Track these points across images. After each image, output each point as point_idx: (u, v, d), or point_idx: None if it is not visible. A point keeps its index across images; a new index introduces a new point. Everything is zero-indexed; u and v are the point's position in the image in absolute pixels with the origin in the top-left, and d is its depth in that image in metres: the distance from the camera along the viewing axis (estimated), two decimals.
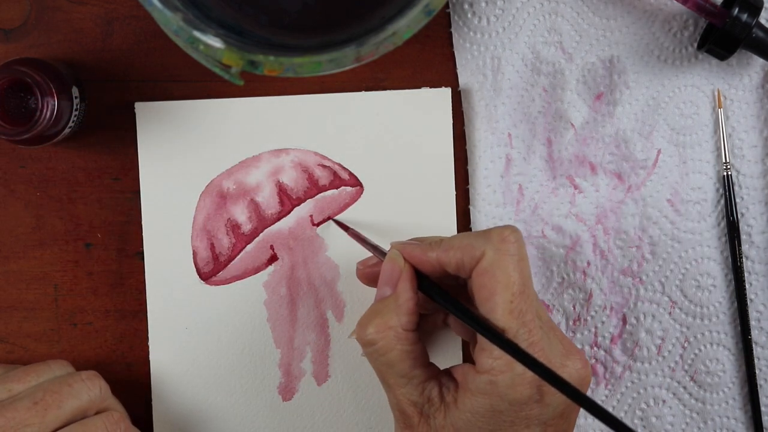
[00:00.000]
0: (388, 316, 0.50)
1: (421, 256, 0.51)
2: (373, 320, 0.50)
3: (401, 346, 0.50)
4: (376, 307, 0.51)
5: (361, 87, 0.60)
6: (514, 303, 0.47)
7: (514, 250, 0.48)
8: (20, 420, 0.51)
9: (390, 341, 0.49)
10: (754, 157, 0.60)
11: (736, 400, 0.61)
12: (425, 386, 0.50)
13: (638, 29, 0.59)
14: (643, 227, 0.60)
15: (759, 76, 0.59)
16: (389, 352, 0.50)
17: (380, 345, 0.50)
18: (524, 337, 0.47)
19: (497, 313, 0.47)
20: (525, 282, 0.48)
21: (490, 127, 0.59)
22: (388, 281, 0.51)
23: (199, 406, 0.60)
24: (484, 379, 0.48)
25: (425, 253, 0.50)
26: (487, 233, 0.49)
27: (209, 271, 0.60)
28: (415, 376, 0.50)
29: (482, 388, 0.48)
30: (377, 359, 0.50)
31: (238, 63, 0.47)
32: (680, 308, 0.60)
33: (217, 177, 0.59)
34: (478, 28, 0.59)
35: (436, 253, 0.50)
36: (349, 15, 0.52)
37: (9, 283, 0.60)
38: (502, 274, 0.48)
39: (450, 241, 0.50)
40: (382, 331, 0.49)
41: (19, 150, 0.59)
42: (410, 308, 0.50)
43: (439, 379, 0.51)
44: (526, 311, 0.48)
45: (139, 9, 0.59)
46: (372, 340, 0.50)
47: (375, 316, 0.50)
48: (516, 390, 0.47)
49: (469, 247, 0.49)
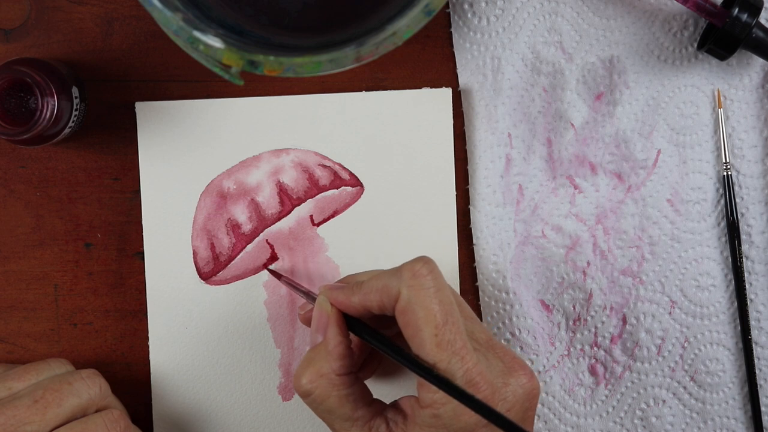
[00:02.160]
0: (320, 364, 0.50)
1: (345, 301, 0.51)
2: (305, 371, 0.50)
3: (337, 392, 0.50)
4: (308, 356, 0.51)
5: (361, 87, 0.60)
6: (440, 335, 0.47)
7: (429, 282, 0.48)
8: (20, 418, 0.51)
9: (325, 389, 0.49)
10: (754, 157, 0.60)
11: (736, 400, 0.61)
12: (371, 425, 0.50)
13: (638, 29, 0.59)
14: (643, 227, 0.60)
15: (759, 76, 0.59)
16: (326, 399, 0.50)
17: (316, 394, 0.50)
18: (457, 366, 0.47)
19: (425, 348, 0.47)
20: (447, 310, 0.48)
21: (490, 127, 0.59)
22: (318, 328, 0.51)
23: (199, 406, 0.60)
24: (428, 413, 0.48)
25: (348, 297, 0.51)
26: (398, 271, 0.49)
27: (209, 270, 0.60)
28: (359, 417, 0.50)
29: (428, 421, 0.48)
30: (317, 408, 0.50)
31: (238, 63, 0.47)
32: (680, 308, 0.60)
33: (217, 177, 0.59)
34: (478, 28, 0.59)
35: (357, 297, 0.50)
36: (349, 15, 0.53)
37: (9, 283, 0.60)
38: (422, 309, 0.47)
39: (369, 283, 0.50)
40: (315, 380, 0.49)
41: (19, 150, 0.59)
42: (340, 352, 0.50)
43: (385, 415, 0.51)
44: (455, 340, 0.47)
45: (139, 9, 0.59)
46: (307, 391, 0.50)
47: (307, 365, 0.50)
48: (460, 419, 0.47)
49: (386, 288, 0.49)
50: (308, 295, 0.55)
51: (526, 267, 0.60)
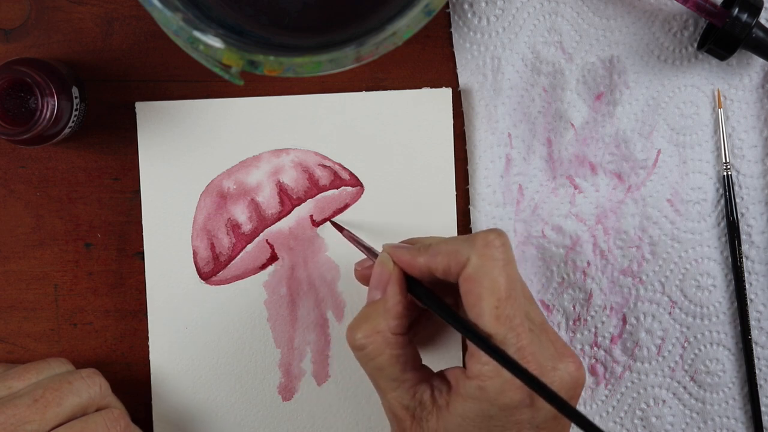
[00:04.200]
0: (377, 321, 0.50)
1: (410, 261, 0.50)
2: (362, 325, 0.50)
3: (390, 351, 0.49)
4: (365, 311, 0.51)
5: (361, 87, 0.60)
6: (501, 308, 0.47)
7: (499, 254, 0.48)
8: (20, 417, 0.51)
9: (379, 346, 0.49)
10: (754, 157, 0.60)
11: (736, 400, 0.61)
12: (416, 389, 0.50)
13: (638, 29, 0.59)
14: (643, 227, 0.60)
15: (759, 76, 0.59)
16: (378, 356, 0.49)
17: (369, 349, 0.49)
18: (512, 341, 0.47)
19: (484, 319, 0.47)
20: (512, 286, 0.48)
21: (490, 127, 0.59)
22: (378, 285, 0.51)
23: (199, 406, 0.60)
24: (474, 385, 0.47)
25: (414, 257, 0.50)
26: (472, 238, 0.48)
27: (209, 270, 0.60)
28: (406, 379, 0.50)
29: (472, 393, 0.48)
30: (367, 363, 0.50)
31: (238, 63, 0.47)
32: (680, 308, 0.60)
33: (217, 177, 0.60)
34: (478, 28, 0.59)
35: (424, 258, 0.50)
36: (349, 15, 0.53)
37: (9, 283, 0.60)
38: (488, 279, 0.47)
39: (437, 246, 0.50)
40: (371, 335, 0.49)
41: (19, 150, 0.59)
42: (399, 312, 0.50)
43: (431, 382, 0.50)
44: (514, 315, 0.47)
45: (139, 9, 0.59)
46: (361, 345, 0.50)
47: (364, 320, 0.50)
48: (506, 395, 0.47)
49: (455, 253, 0.48)
50: (369, 251, 0.54)
51: (526, 267, 0.60)
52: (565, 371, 0.49)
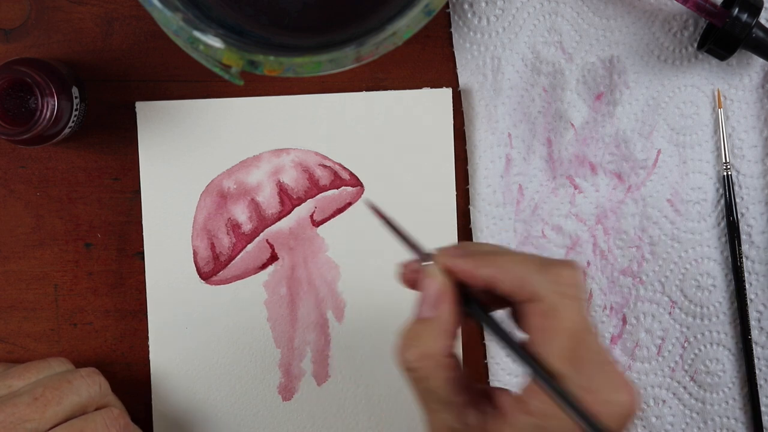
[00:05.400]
0: (429, 342, 0.46)
1: (468, 272, 0.46)
2: (412, 345, 0.46)
3: (444, 374, 0.46)
4: (416, 330, 0.46)
5: (361, 87, 0.60)
6: (575, 350, 0.44)
7: (577, 293, 0.44)
8: (20, 416, 0.51)
9: (432, 370, 0.46)
10: (754, 157, 0.60)
11: (736, 400, 0.61)
12: (463, 413, 0.46)
13: (638, 29, 0.59)
14: (643, 227, 0.60)
15: (759, 76, 0.59)
16: (430, 379, 0.46)
17: (421, 374, 0.46)
18: (576, 381, 0.44)
19: (554, 358, 0.43)
20: (588, 328, 0.44)
21: (490, 127, 0.59)
22: (429, 301, 0.46)
23: (199, 406, 0.60)
24: (531, 421, 0.44)
25: (476, 269, 0.45)
26: (546, 269, 0.44)
27: (209, 270, 0.60)
28: (456, 402, 0.46)
29: (527, 429, 0.44)
30: (417, 385, 0.46)
31: (238, 63, 0.47)
32: (680, 308, 0.60)
33: (217, 177, 0.60)
34: (478, 28, 0.59)
35: (487, 271, 0.45)
36: (349, 15, 0.53)
37: (9, 283, 0.60)
38: (566, 320, 0.44)
39: (505, 264, 0.45)
40: (423, 359, 0.46)
41: (19, 150, 0.59)
42: (453, 333, 0.46)
43: (478, 406, 0.47)
44: (586, 357, 0.44)
45: (139, 9, 0.59)
46: (413, 369, 0.46)
47: (414, 340, 0.46)
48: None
49: (525, 281, 0.44)
50: (415, 248, 0.47)
51: None
52: (617, 403, 0.45)
